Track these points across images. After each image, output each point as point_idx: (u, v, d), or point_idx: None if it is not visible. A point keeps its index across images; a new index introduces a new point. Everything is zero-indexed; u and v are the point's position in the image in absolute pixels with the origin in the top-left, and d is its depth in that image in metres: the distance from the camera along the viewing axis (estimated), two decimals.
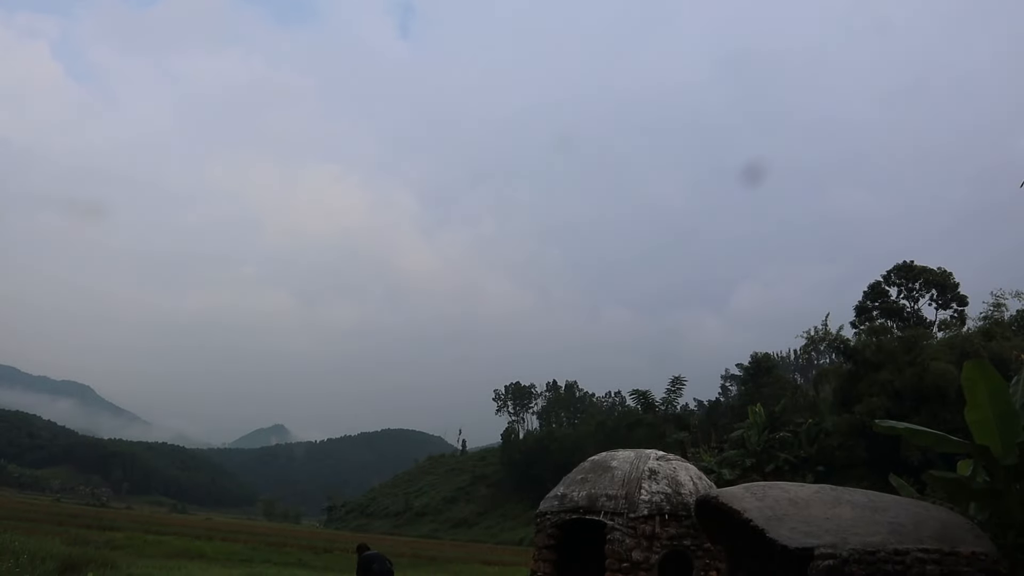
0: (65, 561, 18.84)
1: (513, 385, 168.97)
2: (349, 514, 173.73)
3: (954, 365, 38.78)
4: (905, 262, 62.11)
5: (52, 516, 50.89)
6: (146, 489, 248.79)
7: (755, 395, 65.36)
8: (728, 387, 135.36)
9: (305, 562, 31.85)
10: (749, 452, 44.36)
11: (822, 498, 8.07)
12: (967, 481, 9.10)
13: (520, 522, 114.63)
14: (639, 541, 11.88)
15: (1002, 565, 7.56)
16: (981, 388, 8.92)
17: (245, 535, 53.11)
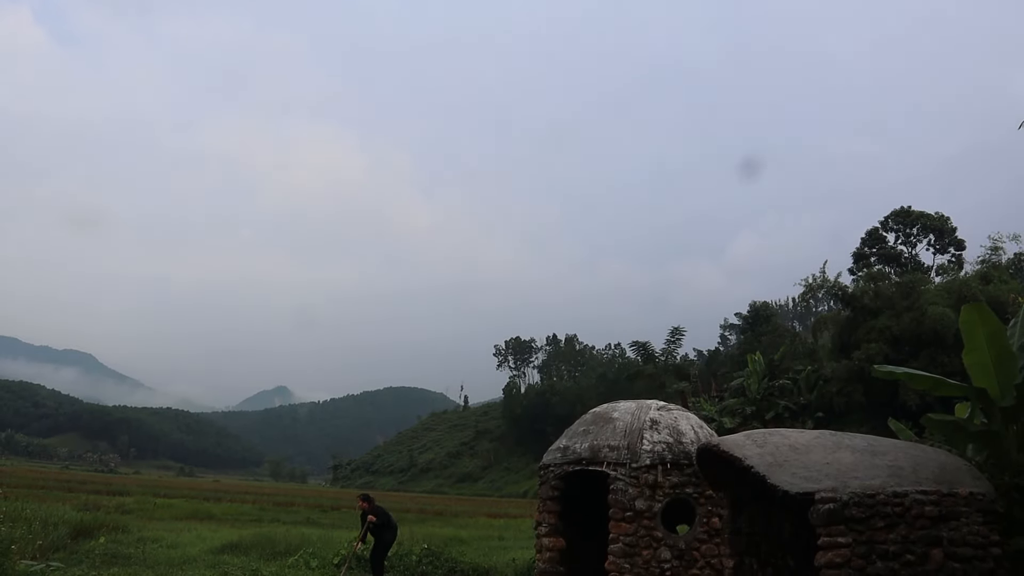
0: (77, 526, 19.10)
1: (513, 340, 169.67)
2: (354, 472, 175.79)
3: (952, 309, 38.94)
4: (903, 207, 61.99)
5: (61, 483, 51.43)
6: (153, 454, 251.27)
7: (754, 344, 65.71)
8: (727, 336, 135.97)
9: (313, 520, 32.28)
10: (749, 400, 44.77)
11: (822, 443, 8.16)
12: (965, 423, 9.21)
13: (523, 475, 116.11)
14: (642, 490, 12.05)
15: (999, 504, 7.69)
16: (979, 331, 8.98)
17: (253, 496, 53.76)
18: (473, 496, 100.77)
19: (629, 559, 11.80)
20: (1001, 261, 53.24)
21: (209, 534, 21.36)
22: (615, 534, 11.99)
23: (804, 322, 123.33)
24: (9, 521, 11.15)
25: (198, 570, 12.33)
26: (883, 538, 7.11)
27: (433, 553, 15.83)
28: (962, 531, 7.18)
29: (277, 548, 17.70)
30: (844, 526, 7.20)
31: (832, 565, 7.15)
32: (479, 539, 24.75)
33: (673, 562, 11.76)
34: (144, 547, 17.11)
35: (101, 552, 15.37)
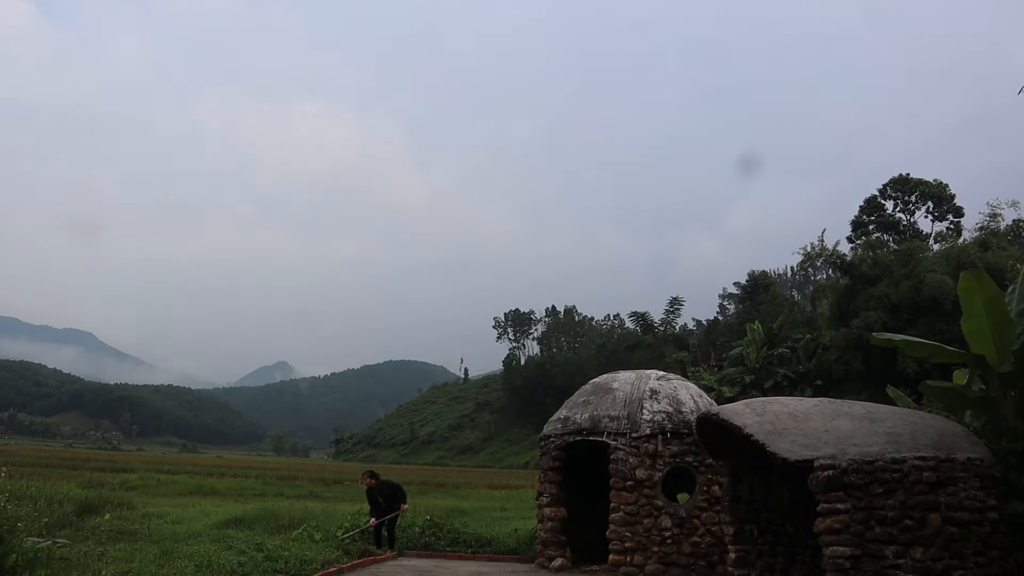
0: (82, 503, 19.21)
1: (512, 312, 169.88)
2: (356, 446, 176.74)
3: (950, 276, 38.96)
4: (901, 175, 61.80)
5: (66, 461, 51.68)
6: (155, 431, 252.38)
7: (753, 313, 65.81)
8: (726, 306, 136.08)
9: (316, 494, 32.49)
10: (748, 369, 44.93)
11: (821, 411, 8.20)
12: (963, 390, 9.26)
13: (524, 446, 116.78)
14: (642, 460, 12.14)
15: (996, 469, 7.75)
16: (977, 298, 8.99)
17: (256, 471, 54.05)
18: (474, 468, 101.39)
19: (630, 527, 11.92)
20: (999, 228, 53.12)
21: (213, 509, 21.51)
22: (616, 503, 12.09)
23: (803, 291, 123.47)
24: (15, 499, 11.22)
25: (203, 544, 12.44)
26: (881, 504, 7.17)
27: (436, 524, 15.97)
28: (959, 496, 7.24)
29: (281, 522, 17.84)
30: (843, 492, 7.26)
31: (831, 531, 7.22)
32: (481, 510, 24.93)
33: (674, 530, 11.88)
34: (149, 523, 17.23)
35: (107, 528, 15.48)
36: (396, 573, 11.70)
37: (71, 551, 10.72)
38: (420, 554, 14.48)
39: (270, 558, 10.75)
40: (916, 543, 7.08)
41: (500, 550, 14.84)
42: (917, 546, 7.07)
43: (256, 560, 10.38)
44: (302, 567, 10.74)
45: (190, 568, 9.43)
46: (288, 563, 10.69)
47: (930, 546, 7.07)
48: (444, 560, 13.96)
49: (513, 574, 11.96)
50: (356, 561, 12.42)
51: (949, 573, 7.03)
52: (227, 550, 11.04)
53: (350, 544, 13.82)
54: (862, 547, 7.11)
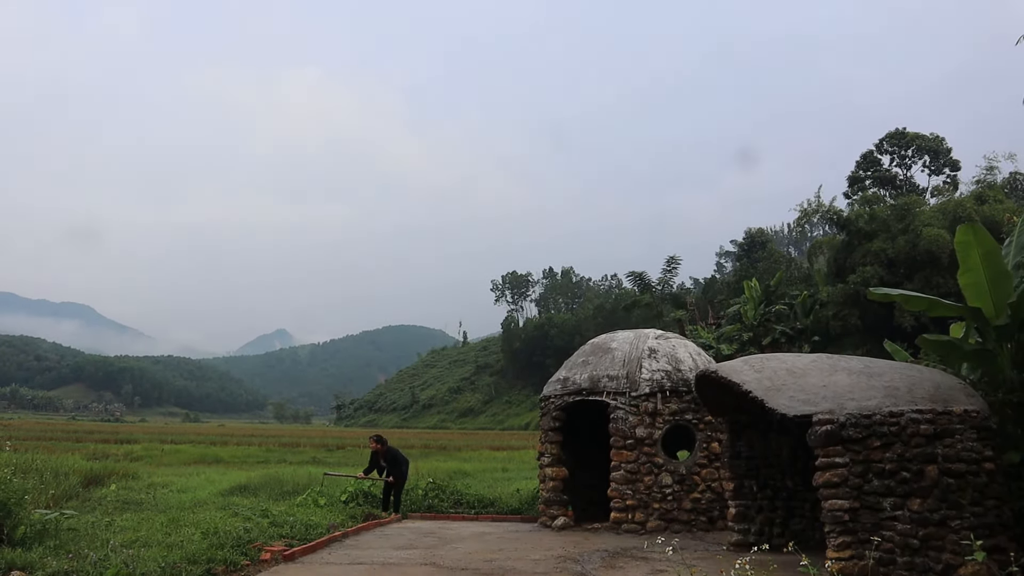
0: (88, 475, 19.40)
1: (510, 274, 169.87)
2: (358, 411, 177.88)
3: (947, 230, 38.91)
4: (897, 129, 61.41)
5: (69, 434, 52.02)
6: (157, 401, 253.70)
7: (750, 270, 65.82)
8: (723, 264, 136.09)
9: (319, 459, 32.75)
10: (746, 326, 45.03)
11: (819, 366, 8.25)
12: (959, 343, 9.30)
13: (524, 407, 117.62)
14: (642, 418, 12.23)
15: (992, 420, 7.82)
16: (974, 251, 8.99)
17: (259, 438, 54.44)
18: (475, 430, 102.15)
19: (631, 485, 12.05)
20: (996, 181, 52.88)
21: (218, 477, 21.72)
22: (617, 462, 12.21)
23: (800, 247, 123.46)
24: (20, 472, 11.30)
25: (209, 512, 12.57)
26: (879, 457, 7.25)
27: (438, 487, 16.13)
28: (956, 448, 7.32)
29: (285, 488, 18.03)
30: (841, 446, 7.33)
31: (830, 484, 7.30)
32: (483, 471, 25.18)
33: (674, 487, 12.01)
34: (155, 492, 17.42)
35: (113, 499, 15.65)
36: (401, 535, 11.85)
37: (79, 522, 10.83)
38: (424, 516, 14.65)
39: (275, 524, 10.87)
40: (913, 495, 7.16)
41: (503, 510, 15.00)
42: (914, 497, 7.16)
43: (262, 526, 10.49)
44: (307, 532, 10.86)
45: (197, 535, 9.53)
46: (293, 528, 10.81)
47: (927, 497, 7.16)
48: (448, 521, 14.13)
49: (516, 533, 12.11)
50: (361, 524, 12.56)
51: (946, 523, 7.13)
52: (233, 517, 11.16)
53: (355, 508, 13.96)
54: (860, 500, 7.19)
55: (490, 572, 8.56)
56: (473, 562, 9.26)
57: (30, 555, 8.20)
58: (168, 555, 8.22)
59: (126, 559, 7.47)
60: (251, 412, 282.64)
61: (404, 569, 8.78)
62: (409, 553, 9.98)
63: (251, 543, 9.51)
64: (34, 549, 8.71)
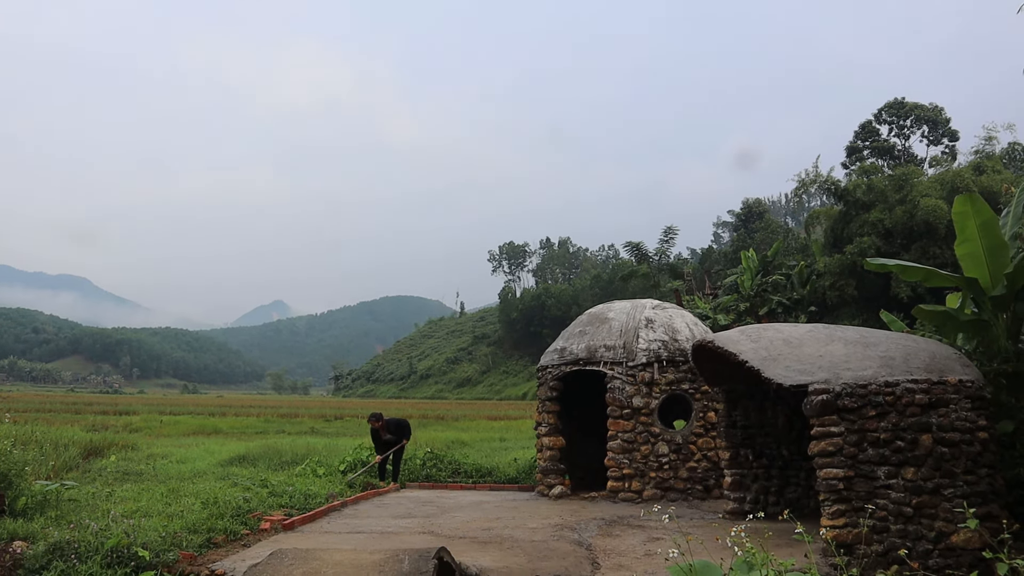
0: (87, 447, 19.49)
1: (507, 245, 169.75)
2: (356, 382, 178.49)
3: (944, 201, 38.85)
4: (896, 99, 61.14)
5: (69, 406, 52.14)
6: (156, 373, 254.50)
7: (747, 241, 65.90)
8: (720, 234, 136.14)
9: (317, 430, 32.90)
10: (743, 297, 45.12)
11: (815, 336, 8.27)
12: (955, 313, 9.33)
13: (522, 377, 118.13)
14: (639, 388, 12.29)
15: (986, 390, 7.87)
16: (971, 221, 8.99)
17: (257, 409, 54.63)
18: (473, 400, 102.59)
19: (628, 455, 12.14)
20: (995, 151, 52.67)
21: (217, 448, 21.81)
22: (614, 431, 12.29)
23: (797, 218, 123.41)
24: (20, 444, 11.35)
25: (208, 482, 12.66)
26: (874, 426, 7.29)
27: (436, 456, 16.23)
28: (951, 417, 7.37)
29: (284, 458, 18.14)
30: (837, 416, 7.38)
31: (825, 454, 7.36)
32: (481, 441, 25.32)
33: (671, 456, 12.11)
34: (154, 463, 17.50)
35: (113, 470, 15.74)
36: (399, 504, 11.95)
37: (79, 492, 10.91)
38: (422, 485, 14.76)
39: (275, 493, 10.95)
40: (908, 463, 7.22)
41: (500, 480, 15.12)
42: (908, 466, 7.21)
43: (261, 496, 10.57)
44: (307, 501, 10.95)
45: (196, 505, 9.60)
46: (293, 498, 10.89)
47: (921, 466, 7.22)
48: (446, 491, 14.24)
49: (514, 502, 12.21)
50: (360, 494, 12.66)
51: (939, 491, 7.20)
52: (232, 487, 11.24)
53: (352, 476, 14.06)
54: (855, 468, 7.25)
55: (488, 540, 8.65)
56: (471, 530, 9.35)
57: (31, 525, 8.27)
58: (169, 525, 8.29)
59: (127, 529, 7.53)
60: (249, 383, 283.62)
61: (403, 537, 8.86)
62: (408, 522, 10.07)
63: (250, 513, 9.59)
64: (35, 520, 8.78)
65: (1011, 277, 8.58)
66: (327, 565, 6.06)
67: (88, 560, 6.97)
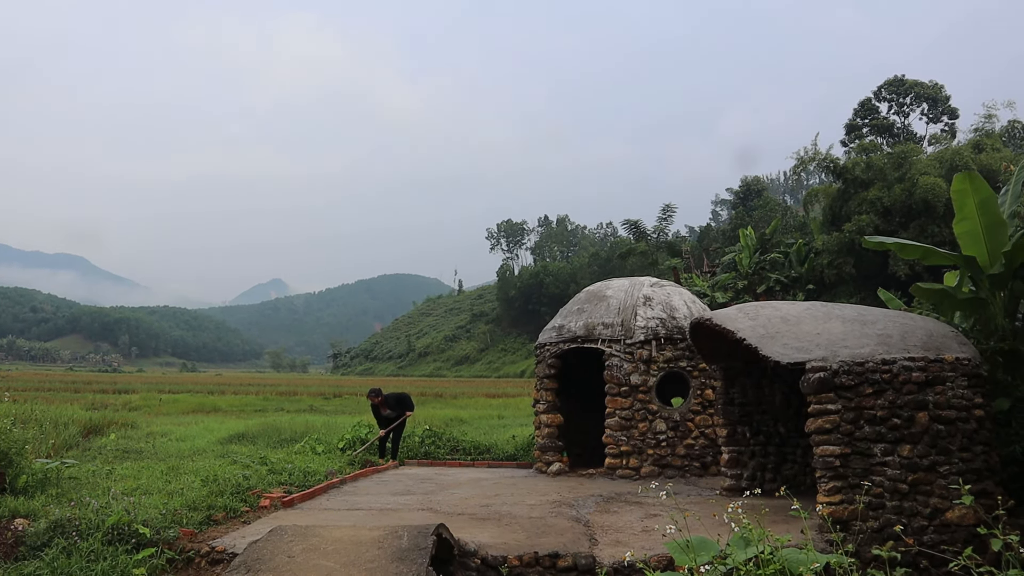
0: (87, 425, 19.56)
1: (505, 223, 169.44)
2: (354, 360, 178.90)
3: (943, 179, 38.75)
4: (896, 77, 60.81)
5: (68, 384, 52.27)
6: (154, 352, 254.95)
7: (745, 219, 65.79)
8: (719, 212, 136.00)
9: (316, 408, 32.99)
10: (741, 275, 45.20)
11: (813, 314, 8.29)
12: (953, 291, 9.34)
13: (520, 355, 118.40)
14: (636, 366, 12.32)
15: (983, 368, 7.90)
16: (970, 200, 8.98)
17: (256, 387, 54.77)
18: (471, 378, 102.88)
19: (626, 432, 12.20)
20: (994, 129, 52.40)
21: (216, 426, 21.90)
22: (611, 408, 12.33)
23: (795, 196, 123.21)
24: (20, 423, 11.38)
25: (208, 460, 12.72)
26: (871, 404, 7.32)
27: (435, 434, 16.30)
28: (947, 395, 7.40)
29: (283, 436, 18.21)
30: (834, 394, 7.41)
31: (821, 431, 7.39)
32: (479, 419, 25.42)
33: (668, 433, 12.16)
34: (154, 441, 17.58)
35: (112, 448, 15.81)
36: (398, 481, 12.01)
37: (79, 470, 10.96)
38: (421, 463, 14.83)
39: (274, 471, 11.00)
40: (904, 441, 7.26)
41: (498, 457, 15.19)
42: (904, 444, 7.26)
43: (260, 473, 10.62)
44: (306, 479, 11.00)
45: (196, 483, 9.65)
46: (292, 475, 10.95)
47: (917, 443, 7.26)
48: (444, 468, 14.31)
49: (512, 479, 12.28)
50: (359, 471, 12.72)
51: (935, 468, 7.24)
52: (232, 464, 11.30)
53: (352, 455, 14.13)
54: (851, 446, 7.29)
55: (487, 517, 8.71)
56: (470, 507, 9.41)
57: (32, 503, 8.32)
58: (169, 502, 8.34)
59: (127, 506, 7.58)
60: (248, 361, 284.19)
61: (402, 514, 8.91)
62: (407, 499, 10.13)
63: (250, 490, 9.65)
64: (36, 497, 8.83)
65: (1009, 255, 8.58)
66: (326, 541, 6.10)
67: (89, 537, 7.02)
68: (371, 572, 5.53)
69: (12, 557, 7.03)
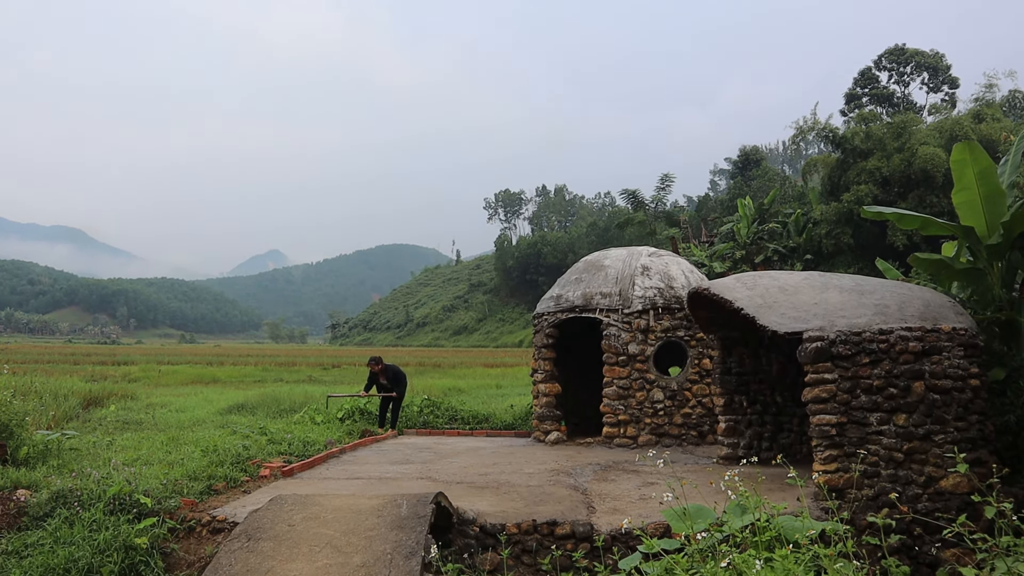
0: (87, 397, 19.65)
1: (503, 192, 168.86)
2: (352, 330, 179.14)
3: (943, 149, 38.60)
4: (897, 45, 60.34)
5: (67, 357, 52.36)
6: (153, 323, 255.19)
7: (744, 188, 65.58)
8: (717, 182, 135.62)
9: (315, 378, 33.07)
10: (739, 245, 45.17)
11: (810, 284, 8.29)
12: (951, 261, 9.34)
13: (518, 325, 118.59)
14: (634, 335, 12.35)
15: (979, 338, 7.92)
16: (969, 170, 8.95)
17: (255, 358, 54.89)
18: (469, 348, 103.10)
19: (623, 401, 12.26)
20: (995, 99, 52.04)
21: (215, 396, 21.98)
22: (609, 378, 12.39)
23: (794, 165, 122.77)
24: (20, 395, 11.43)
25: (208, 430, 12.79)
26: (868, 373, 7.36)
27: (433, 403, 16.36)
28: (943, 364, 7.43)
29: (282, 406, 18.30)
30: (831, 363, 7.44)
31: (818, 400, 7.43)
32: (477, 388, 25.52)
33: (666, 402, 12.23)
34: (154, 412, 17.66)
35: (113, 419, 15.89)
36: (397, 450, 12.09)
37: (80, 442, 11.02)
38: (419, 432, 14.90)
39: (273, 441, 11.06)
40: (899, 410, 7.31)
41: (497, 426, 15.27)
42: (900, 413, 7.30)
43: (260, 443, 10.68)
44: (305, 448, 11.06)
45: (196, 453, 9.71)
46: (291, 445, 11.01)
47: (913, 412, 7.30)
48: (443, 437, 14.39)
49: (510, 448, 12.36)
50: (358, 441, 12.80)
51: (930, 437, 7.30)
52: (231, 435, 11.35)
53: (351, 425, 14.20)
54: (847, 415, 7.34)
55: (485, 485, 8.77)
56: (468, 476, 9.48)
57: (34, 474, 8.37)
58: (169, 472, 8.39)
59: (128, 477, 7.63)
60: (246, 332, 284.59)
61: (401, 483, 8.98)
62: (405, 468, 10.20)
63: (250, 460, 9.71)
64: (38, 468, 8.89)
65: (1007, 226, 8.57)
66: (326, 510, 6.15)
67: (91, 507, 7.08)
68: (371, 540, 5.58)
69: (15, 527, 7.10)
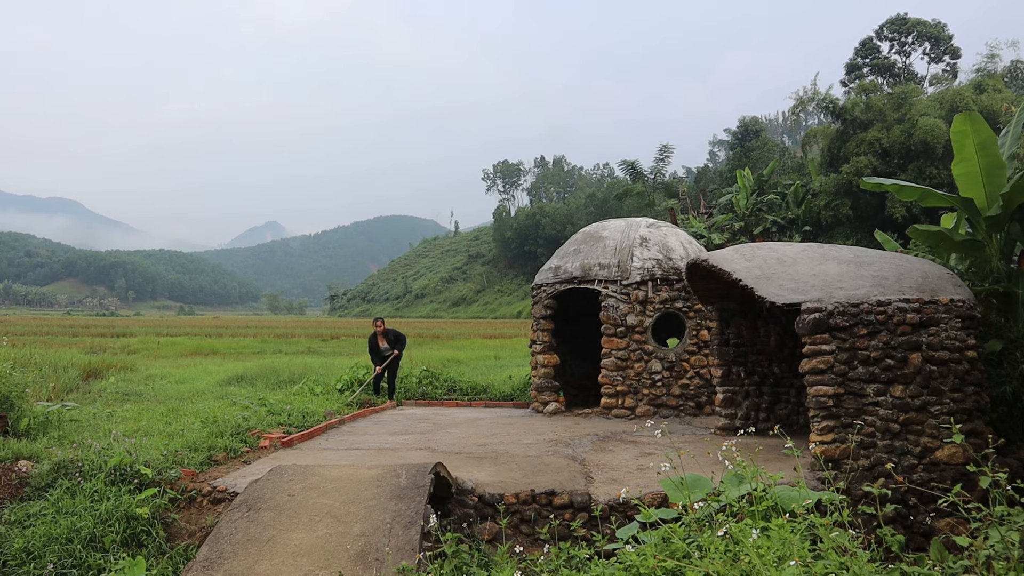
0: (86, 368, 19.70)
1: (501, 163, 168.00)
2: (351, 302, 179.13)
3: (943, 120, 38.40)
4: (899, 15, 59.78)
5: (65, 329, 52.37)
6: (151, 295, 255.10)
7: (743, 160, 65.31)
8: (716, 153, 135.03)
9: (314, 349, 33.13)
10: (738, 216, 45.12)
11: (809, 256, 8.29)
12: (949, 233, 9.33)
13: (516, 296, 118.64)
14: (633, 306, 12.37)
15: (977, 310, 7.94)
16: (969, 141, 8.89)
17: (253, 330, 54.93)
18: (468, 319, 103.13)
19: (621, 372, 12.30)
20: (997, 70, 51.67)
21: (214, 368, 22.03)
22: (607, 349, 12.42)
23: (794, 137, 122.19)
24: (20, 367, 11.44)
25: (207, 402, 12.84)
26: (865, 345, 7.38)
27: (432, 374, 16.42)
28: (941, 336, 7.45)
29: (281, 377, 18.35)
30: (828, 334, 7.45)
31: (816, 371, 7.46)
32: (476, 359, 25.57)
33: (664, 373, 12.27)
34: (153, 383, 17.72)
35: (112, 391, 15.93)
36: (396, 421, 12.15)
37: (80, 413, 11.07)
38: (418, 403, 14.97)
39: (273, 412, 11.10)
40: (896, 381, 7.33)
41: (495, 397, 15.34)
42: (897, 384, 7.33)
43: (259, 414, 10.72)
44: (304, 419, 11.12)
45: (196, 424, 9.75)
46: (291, 416, 11.06)
47: (910, 384, 7.33)
48: (442, 408, 14.46)
49: (509, 419, 12.42)
50: (357, 412, 12.85)
51: (926, 408, 7.33)
52: (231, 406, 11.39)
53: (350, 396, 14.25)
54: (845, 386, 7.37)
55: (484, 456, 8.83)
56: (467, 446, 9.53)
57: (34, 446, 8.41)
58: (169, 443, 8.44)
59: (129, 448, 7.67)
60: (245, 304, 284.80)
61: (400, 453, 9.04)
62: (404, 438, 10.26)
63: (250, 431, 9.75)
64: (38, 440, 8.93)
65: (1007, 197, 8.55)
66: (326, 480, 6.19)
67: (92, 478, 7.13)
68: (370, 510, 5.62)
69: (18, 498, 7.15)
